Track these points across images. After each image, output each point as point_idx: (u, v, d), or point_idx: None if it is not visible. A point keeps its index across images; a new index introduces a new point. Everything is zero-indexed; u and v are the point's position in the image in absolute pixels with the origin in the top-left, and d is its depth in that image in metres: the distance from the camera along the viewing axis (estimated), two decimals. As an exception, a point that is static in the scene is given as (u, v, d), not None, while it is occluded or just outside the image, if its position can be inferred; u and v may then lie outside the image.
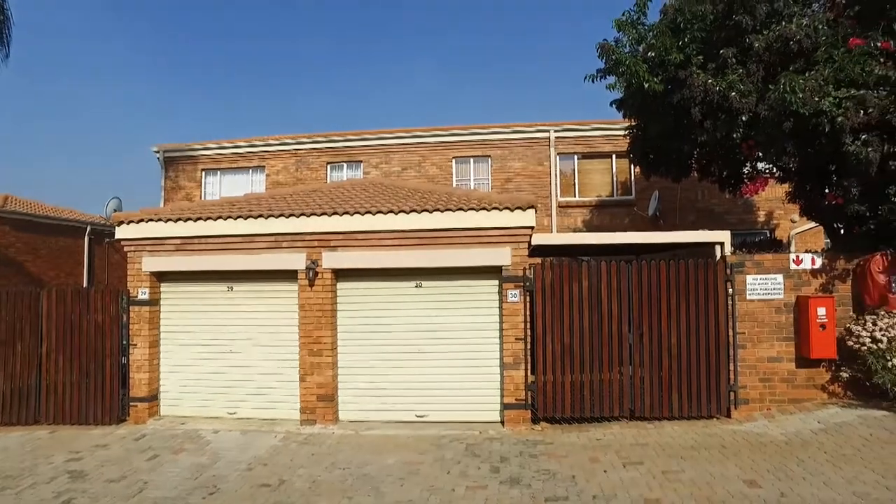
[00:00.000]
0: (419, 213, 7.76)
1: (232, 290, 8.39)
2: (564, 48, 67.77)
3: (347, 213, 7.90)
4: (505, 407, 7.59)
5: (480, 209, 7.70)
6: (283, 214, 8.01)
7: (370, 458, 6.47)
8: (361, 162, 15.61)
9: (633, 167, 13.78)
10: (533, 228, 7.78)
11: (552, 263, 7.77)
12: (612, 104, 9.81)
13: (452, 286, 7.96)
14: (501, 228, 7.67)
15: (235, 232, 8.09)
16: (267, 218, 8.04)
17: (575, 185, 15.02)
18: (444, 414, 7.78)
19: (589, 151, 14.92)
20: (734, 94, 7.53)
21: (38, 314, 8.30)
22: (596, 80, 9.09)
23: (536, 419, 7.58)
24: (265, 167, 15.97)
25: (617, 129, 13.00)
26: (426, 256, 7.79)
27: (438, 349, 7.90)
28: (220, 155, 16.17)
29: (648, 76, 8.34)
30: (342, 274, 8.10)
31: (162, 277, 8.51)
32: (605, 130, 14.56)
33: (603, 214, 14.64)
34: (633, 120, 10.06)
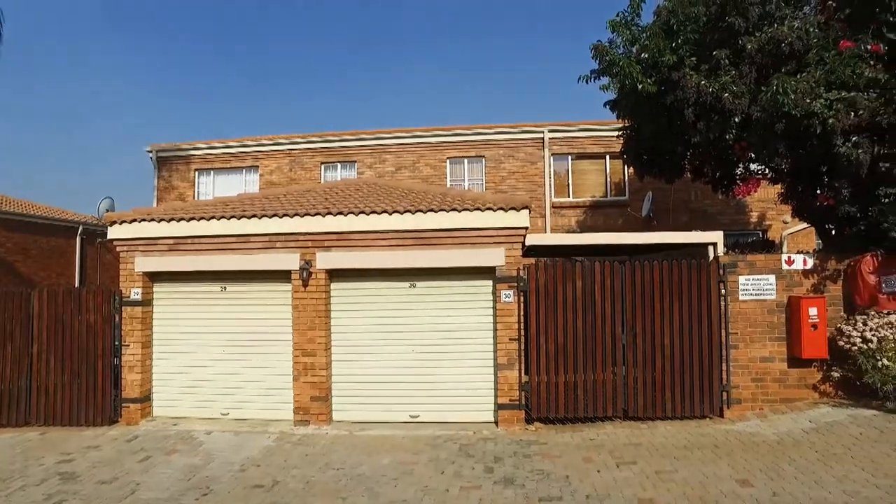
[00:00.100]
0: (413, 213, 7.75)
1: (225, 290, 8.36)
2: (560, 49, 67.95)
3: (341, 213, 7.88)
4: (499, 407, 7.60)
5: (474, 209, 7.70)
6: (276, 214, 7.98)
7: (364, 458, 6.46)
8: (356, 162, 15.58)
9: (626, 168, 13.83)
10: (527, 229, 7.79)
11: (546, 264, 7.78)
12: (605, 105, 9.84)
13: (446, 286, 7.96)
14: (495, 229, 7.68)
15: (229, 232, 8.06)
16: (261, 218, 8.01)
17: (569, 185, 15.05)
18: (438, 414, 7.77)
19: (583, 152, 14.96)
20: (727, 95, 7.58)
21: (28, 315, 8.23)
22: (590, 80, 9.12)
23: (530, 419, 7.59)
24: (259, 167, 15.92)
25: (611, 129, 13.02)
26: (420, 257, 7.79)
27: (432, 349, 7.90)
28: (213, 155, 16.10)
29: (642, 77, 8.37)
30: (336, 274, 8.08)
31: (155, 278, 8.47)
32: (598, 131, 14.60)
33: (597, 215, 14.68)
34: (626, 121, 10.10)
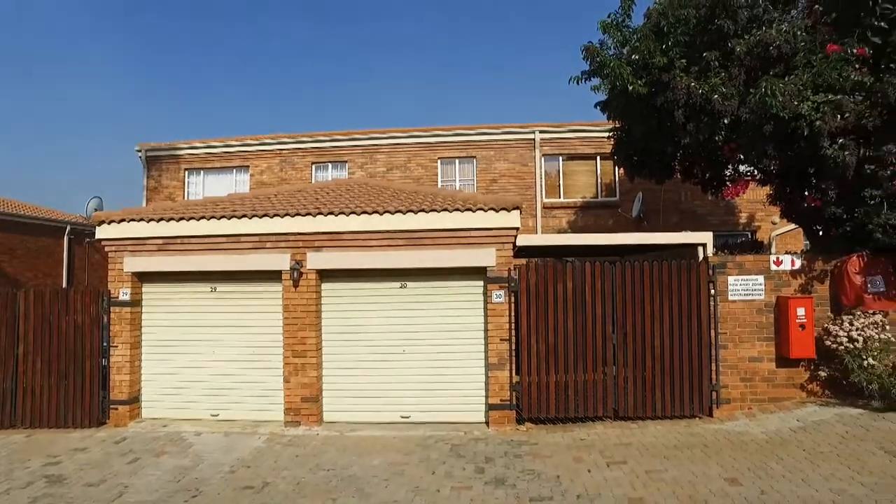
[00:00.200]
0: (404, 213, 7.74)
1: (215, 290, 8.30)
2: (553, 48, 68.16)
3: (332, 213, 7.86)
4: (490, 407, 7.61)
5: (465, 210, 7.71)
6: (267, 214, 7.95)
7: (355, 459, 6.45)
8: (347, 162, 15.55)
9: (617, 169, 13.92)
10: (518, 229, 7.80)
11: (537, 264, 7.80)
12: (596, 106, 9.89)
13: (437, 287, 7.96)
14: (486, 229, 7.69)
15: (219, 232, 8.01)
16: (251, 218, 7.97)
17: (560, 186, 15.11)
18: (429, 415, 7.77)
19: (573, 153, 15.03)
20: (717, 96, 7.64)
21: (14, 315, 8.13)
22: (581, 81, 9.17)
23: (521, 419, 7.61)
24: (249, 167, 15.84)
25: (601, 130, 13.09)
26: (411, 257, 7.78)
27: (423, 350, 7.89)
28: (203, 154, 15.99)
29: (633, 79, 8.42)
30: (327, 274, 8.05)
31: (144, 278, 8.40)
32: (589, 132, 14.66)
33: (587, 215, 14.74)
34: (617, 122, 10.15)
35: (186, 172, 16.09)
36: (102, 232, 8.34)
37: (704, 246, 8.08)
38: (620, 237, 9.39)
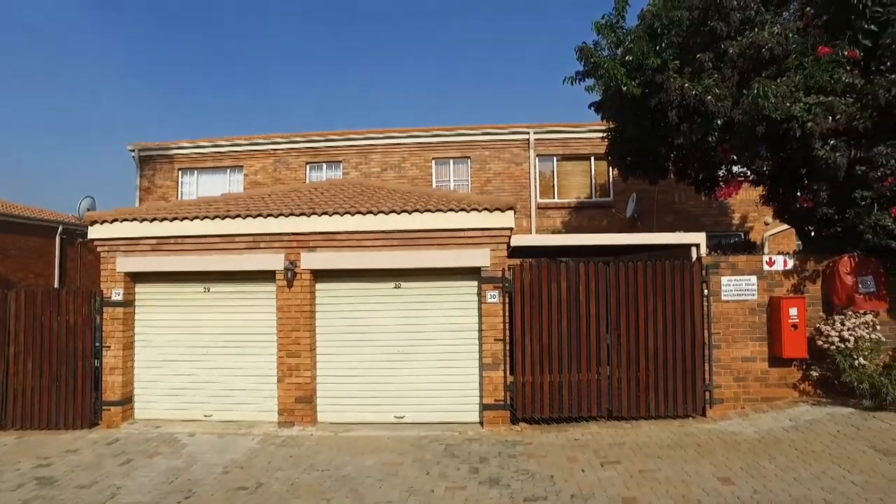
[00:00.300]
0: (398, 213, 7.74)
1: (209, 291, 8.27)
2: (548, 49, 68.30)
3: (326, 213, 7.85)
4: (484, 408, 7.61)
5: (460, 210, 7.71)
6: (261, 215, 7.92)
7: (349, 459, 6.44)
8: (341, 162, 15.51)
9: (611, 169, 13.95)
10: (512, 229, 7.82)
11: (531, 264, 7.82)
12: (590, 106, 9.93)
13: (431, 287, 7.96)
14: (481, 229, 7.70)
15: (213, 232, 7.98)
16: (245, 218, 7.94)
17: (554, 186, 15.14)
18: (423, 415, 7.77)
19: (568, 153, 15.05)
20: (710, 97, 7.68)
21: (5, 316, 8.07)
22: (575, 82, 9.19)
23: (515, 420, 7.62)
24: (243, 167, 15.76)
25: (595, 131, 13.14)
26: (405, 257, 7.78)
27: (417, 350, 7.90)
28: (197, 154, 15.90)
29: (626, 79, 8.45)
30: (321, 275, 8.04)
31: (137, 278, 8.35)
32: (583, 133, 14.69)
33: (582, 216, 14.78)
34: (611, 122, 10.18)
35: (180, 172, 16.00)
36: (95, 232, 8.29)
37: (698, 246, 8.12)
38: (614, 237, 9.43)
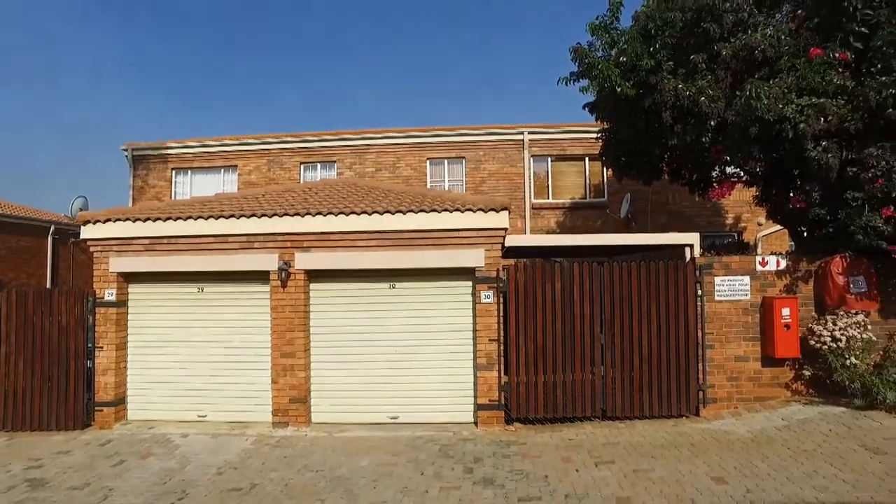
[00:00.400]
0: (393, 213, 7.74)
1: (202, 291, 8.24)
2: (543, 49, 68.38)
3: (321, 213, 7.83)
4: (478, 408, 7.62)
5: (454, 210, 7.72)
6: (255, 214, 7.90)
7: (343, 460, 6.43)
8: (335, 162, 15.49)
9: (605, 170, 13.99)
10: (506, 230, 7.82)
11: (525, 265, 7.83)
12: (584, 107, 9.94)
13: (426, 287, 7.96)
14: (475, 230, 7.70)
15: (206, 232, 7.95)
16: (239, 218, 7.92)
17: (548, 186, 15.16)
18: (417, 415, 7.76)
19: (562, 154, 15.08)
20: (703, 99, 7.71)
21: (-4, 316, 8.00)
22: (569, 82, 9.21)
23: (510, 420, 7.63)
24: (237, 167, 15.72)
25: (590, 131, 13.17)
26: (400, 257, 7.77)
27: (412, 350, 7.89)
28: (190, 154, 15.84)
29: (620, 80, 8.47)
30: (315, 275, 8.02)
31: (130, 278, 8.31)
32: (578, 133, 14.72)
33: (576, 216, 14.82)
34: (605, 123, 10.21)
35: (174, 172, 15.94)
36: (87, 232, 8.24)
37: (692, 246, 8.15)
38: (609, 238, 9.45)
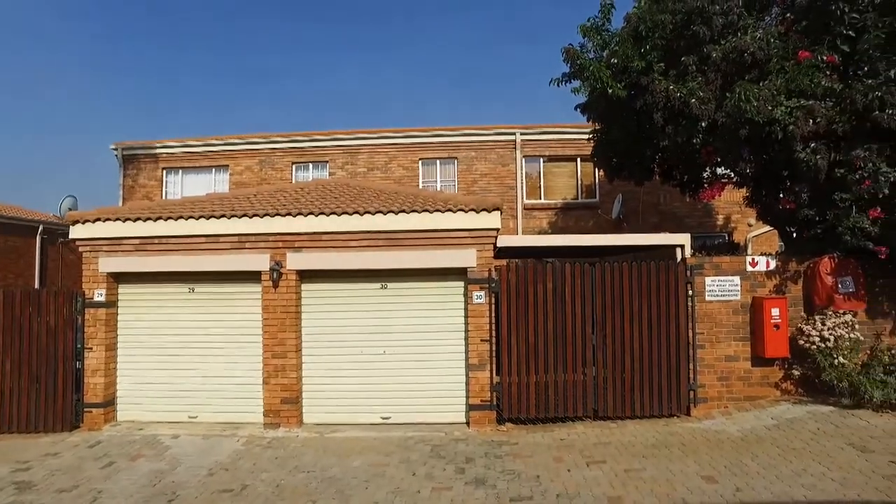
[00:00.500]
0: (385, 214, 7.73)
1: (193, 291, 8.19)
2: (531, 48, 68.57)
3: (312, 213, 7.81)
4: (470, 408, 7.62)
5: (446, 211, 7.72)
6: (246, 215, 7.86)
7: (335, 460, 6.41)
8: (327, 162, 15.46)
9: (597, 170, 14.05)
10: (498, 230, 7.84)
11: (517, 265, 7.84)
12: (576, 108, 9.99)
13: (418, 287, 7.96)
14: (467, 230, 7.71)
15: (197, 232, 7.90)
16: (230, 218, 7.88)
17: (540, 187, 15.21)
18: (409, 416, 7.76)
19: (554, 154, 15.13)
20: (694, 100, 7.76)
21: (-17, 317, 7.91)
22: (561, 83, 9.25)
23: (502, 420, 7.64)
24: (229, 166, 15.64)
25: (582, 132, 13.22)
26: (391, 258, 7.77)
27: (404, 351, 7.89)
28: (181, 153, 15.75)
29: (612, 82, 8.51)
30: (307, 275, 8.00)
31: (119, 279, 8.25)
32: (570, 134, 14.77)
33: (568, 217, 14.87)
34: (597, 124, 10.26)
35: (164, 171, 15.83)
36: (77, 232, 8.17)
37: (682, 247, 8.20)
38: (600, 238, 9.49)
